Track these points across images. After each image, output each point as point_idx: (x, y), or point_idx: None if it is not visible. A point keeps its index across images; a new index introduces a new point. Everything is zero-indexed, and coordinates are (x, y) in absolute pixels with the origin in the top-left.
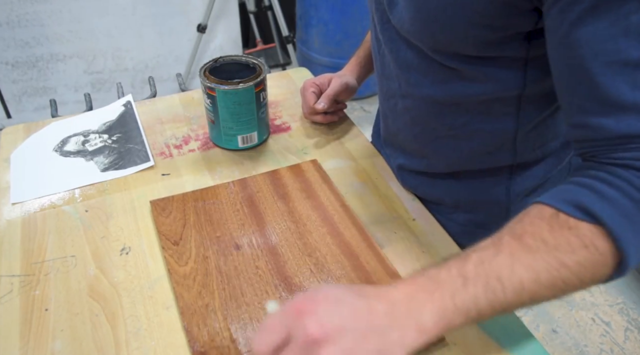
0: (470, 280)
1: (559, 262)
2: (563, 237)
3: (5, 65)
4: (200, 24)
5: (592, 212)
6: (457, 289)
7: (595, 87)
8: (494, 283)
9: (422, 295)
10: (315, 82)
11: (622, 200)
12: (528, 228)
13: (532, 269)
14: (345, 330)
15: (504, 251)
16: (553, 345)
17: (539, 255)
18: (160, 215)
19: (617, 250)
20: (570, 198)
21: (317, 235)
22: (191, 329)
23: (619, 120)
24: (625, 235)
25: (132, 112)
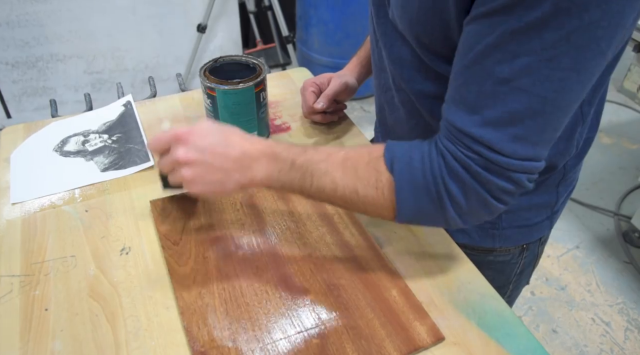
0: (296, 167)
1: (355, 188)
2: (368, 173)
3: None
4: (200, 24)
5: (394, 167)
6: (284, 168)
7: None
8: (308, 177)
9: (263, 160)
10: (315, 82)
11: (417, 173)
12: (356, 155)
13: (334, 183)
14: (201, 162)
15: (327, 161)
16: (553, 345)
17: (345, 176)
18: (160, 215)
19: (395, 202)
20: (395, 151)
21: (317, 235)
22: (191, 329)
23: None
24: (403, 194)
25: (132, 112)
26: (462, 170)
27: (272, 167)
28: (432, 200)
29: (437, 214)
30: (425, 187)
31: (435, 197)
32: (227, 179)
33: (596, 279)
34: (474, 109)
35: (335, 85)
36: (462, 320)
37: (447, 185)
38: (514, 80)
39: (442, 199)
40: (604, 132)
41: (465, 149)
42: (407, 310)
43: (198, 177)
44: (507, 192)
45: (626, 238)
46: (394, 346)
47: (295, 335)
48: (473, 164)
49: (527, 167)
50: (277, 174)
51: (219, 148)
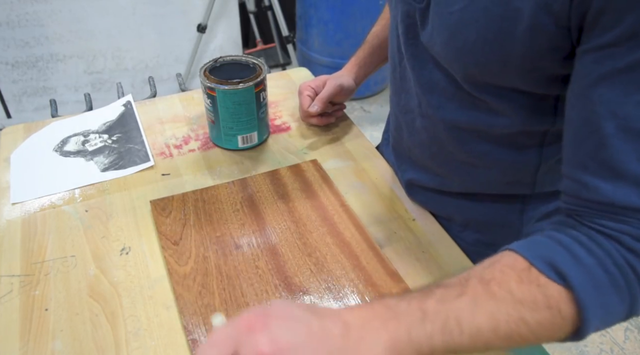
0: (429, 316)
1: (521, 317)
2: (530, 293)
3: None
4: (200, 24)
5: (564, 274)
6: (414, 323)
7: (602, 147)
8: (452, 324)
9: (377, 323)
10: (310, 85)
11: (597, 270)
12: (497, 275)
13: (493, 318)
14: (297, 348)
15: (468, 293)
16: (553, 345)
17: (502, 306)
18: (160, 215)
19: (579, 318)
20: (545, 254)
21: (317, 235)
22: (191, 329)
23: (617, 188)
24: (591, 305)
25: (132, 112)
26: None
27: (395, 327)
28: (622, 295)
29: (626, 308)
30: (611, 283)
31: (625, 290)
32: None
33: None
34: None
35: (329, 88)
36: None
37: (636, 269)
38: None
39: (632, 289)
40: None
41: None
42: None
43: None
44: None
45: None
46: None
47: None
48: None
49: None
50: (407, 335)
51: (310, 324)
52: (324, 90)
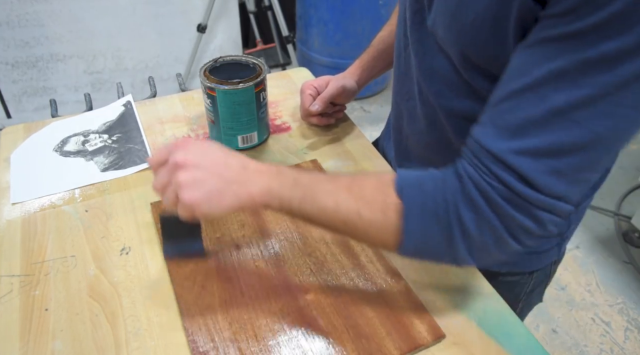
0: (298, 185)
1: (358, 210)
2: (374, 197)
3: (5, 65)
4: (200, 24)
5: (403, 191)
6: (286, 185)
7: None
8: (309, 197)
9: (265, 175)
10: (313, 84)
11: (428, 199)
12: (364, 179)
13: (337, 204)
14: (200, 166)
15: (333, 183)
16: (553, 345)
17: (349, 198)
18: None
19: (400, 228)
20: (406, 177)
21: (317, 235)
22: (191, 329)
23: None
24: (411, 220)
25: (132, 112)
26: (480, 198)
27: (273, 181)
28: (441, 227)
29: (444, 246)
30: (434, 212)
31: (444, 223)
32: (225, 188)
33: (596, 279)
34: (516, 135)
35: (331, 88)
36: (462, 320)
37: (460, 212)
38: (570, 111)
39: (451, 226)
40: None
41: (490, 176)
42: (407, 309)
43: (194, 182)
44: (526, 231)
45: (626, 238)
46: (394, 345)
47: (295, 335)
48: (495, 193)
49: (555, 206)
50: (278, 190)
51: (219, 156)
52: (326, 90)
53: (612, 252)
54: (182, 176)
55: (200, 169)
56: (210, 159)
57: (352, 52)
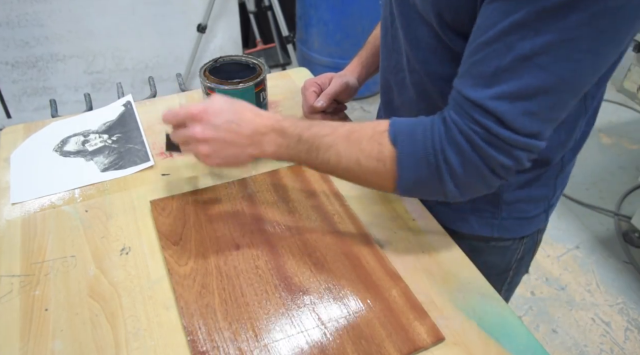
0: (302, 141)
1: (357, 159)
2: (371, 146)
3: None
4: (200, 24)
5: (397, 139)
6: (291, 143)
7: (477, 52)
8: (314, 151)
9: (272, 135)
10: (316, 81)
11: (419, 146)
12: (361, 129)
13: (338, 155)
14: (218, 139)
15: (332, 135)
16: (553, 345)
17: (348, 149)
18: (160, 216)
19: (395, 172)
20: (400, 125)
21: (317, 235)
22: (191, 329)
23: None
24: (404, 166)
25: (132, 112)
26: (464, 142)
27: (280, 141)
28: (431, 171)
29: (435, 185)
30: (424, 157)
31: (434, 167)
32: (241, 152)
33: (596, 279)
34: (490, 83)
35: (336, 85)
36: (462, 320)
37: (447, 155)
38: (534, 57)
39: (440, 169)
40: (604, 132)
41: (472, 122)
42: (407, 311)
43: (214, 152)
44: (505, 168)
45: (626, 238)
46: (394, 346)
47: (295, 335)
48: (477, 137)
49: (530, 144)
50: (285, 149)
51: (232, 125)
52: (330, 86)
53: (612, 252)
54: (203, 149)
55: (217, 142)
56: (224, 129)
57: (352, 52)
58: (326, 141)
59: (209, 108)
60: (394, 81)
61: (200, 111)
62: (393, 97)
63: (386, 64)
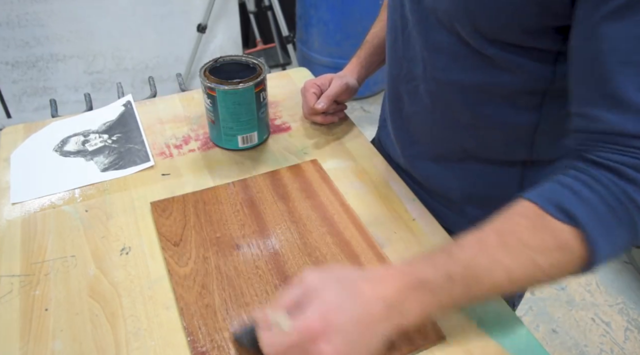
0: (455, 281)
1: (535, 263)
2: (542, 239)
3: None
4: (200, 24)
5: (571, 214)
6: (442, 290)
7: (605, 81)
8: (475, 284)
9: (411, 296)
10: (316, 83)
11: (600, 206)
12: (511, 226)
13: (509, 271)
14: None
15: (484, 252)
16: (553, 345)
17: (516, 257)
18: (160, 217)
19: (589, 253)
20: (553, 197)
21: (317, 235)
22: (191, 329)
23: (618, 116)
24: (598, 238)
25: (132, 112)
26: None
27: (426, 297)
28: (625, 226)
29: (629, 237)
30: (614, 216)
31: (627, 221)
32: (378, 339)
33: (596, 279)
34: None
35: (336, 86)
36: (462, 320)
37: (634, 199)
38: None
39: (633, 218)
40: None
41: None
42: None
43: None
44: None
45: None
46: (394, 346)
47: None
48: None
49: None
50: (436, 302)
51: (360, 316)
52: (330, 88)
53: None
54: (326, 350)
55: (343, 334)
56: (353, 328)
57: (352, 52)
58: (483, 264)
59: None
60: (404, 90)
61: (317, 321)
62: (403, 106)
63: (396, 73)
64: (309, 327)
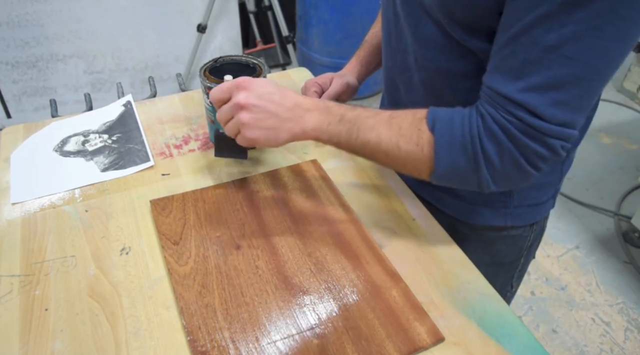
0: (344, 120)
1: (397, 143)
2: (410, 131)
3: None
4: (200, 24)
5: (435, 126)
6: (333, 121)
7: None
8: (355, 131)
9: (315, 112)
10: (317, 82)
11: (457, 133)
12: (401, 115)
13: (379, 138)
14: (260, 107)
15: (374, 118)
16: (553, 345)
17: (389, 132)
18: (160, 215)
19: (433, 158)
20: (438, 113)
21: (317, 235)
22: (191, 329)
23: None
24: (441, 153)
25: (132, 112)
26: (500, 132)
27: (323, 118)
28: (468, 159)
29: (471, 173)
30: (462, 144)
31: (471, 156)
32: (281, 126)
33: (596, 279)
34: (519, 76)
35: (337, 85)
36: (462, 320)
37: (484, 144)
38: (561, 47)
39: (477, 158)
40: (603, 132)
41: (506, 113)
42: (407, 311)
43: (255, 121)
44: (541, 158)
45: (626, 238)
46: (394, 346)
47: (295, 335)
48: (512, 127)
49: (564, 133)
50: (327, 126)
51: (275, 97)
52: (332, 87)
53: (612, 252)
54: (244, 116)
55: (259, 110)
56: (267, 99)
57: (352, 52)
58: (368, 123)
59: (254, 80)
60: (400, 80)
61: (245, 80)
62: (400, 96)
63: (391, 64)
64: (238, 81)
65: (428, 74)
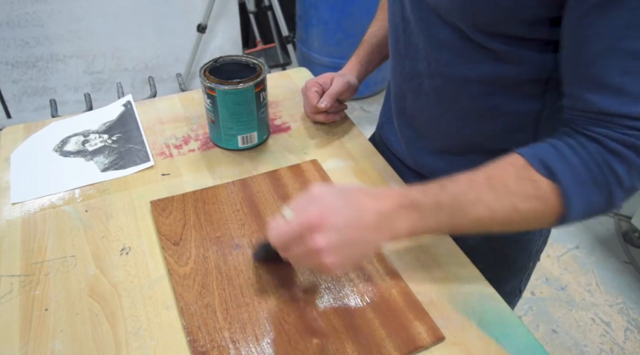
0: (442, 208)
1: (514, 206)
2: (523, 186)
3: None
4: (200, 24)
5: (552, 170)
6: (430, 214)
7: (589, 65)
8: (459, 214)
9: (403, 213)
10: (317, 81)
11: (580, 168)
12: (498, 172)
13: (491, 209)
14: (344, 243)
15: (472, 188)
16: (553, 345)
17: (499, 198)
18: (160, 216)
19: (563, 206)
20: (540, 155)
21: None
22: (191, 329)
23: (602, 98)
24: (573, 195)
25: (132, 112)
26: (626, 150)
27: (415, 216)
28: (601, 190)
29: (605, 203)
30: (592, 179)
31: (603, 186)
32: (370, 246)
33: (596, 279)
34: (622, 91)
35: (338, 85)
36: (462, 320)
37: (614, 168)
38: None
39: (609, 185)
40: None
41: (625, 128)
42: (407, 310)
43: (342, 259)
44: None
45: (626, 238)
46: (394, 346)
47: (295, 335)
48: (634, 139)
49: None
50: (423, 224)
51: (354, 220)
52: (332, 86)
53: (612, 252)
54: (329, 259)
55: (343, 245)
56: (348, 229)
57: (352, 52)
58: (469, 198)
59: (323, 209)
60: (407, 87)
61: (316, 216)
62: (406, 103)
63: (399, 72)
64: (308, 219)
65: (443, 79)
